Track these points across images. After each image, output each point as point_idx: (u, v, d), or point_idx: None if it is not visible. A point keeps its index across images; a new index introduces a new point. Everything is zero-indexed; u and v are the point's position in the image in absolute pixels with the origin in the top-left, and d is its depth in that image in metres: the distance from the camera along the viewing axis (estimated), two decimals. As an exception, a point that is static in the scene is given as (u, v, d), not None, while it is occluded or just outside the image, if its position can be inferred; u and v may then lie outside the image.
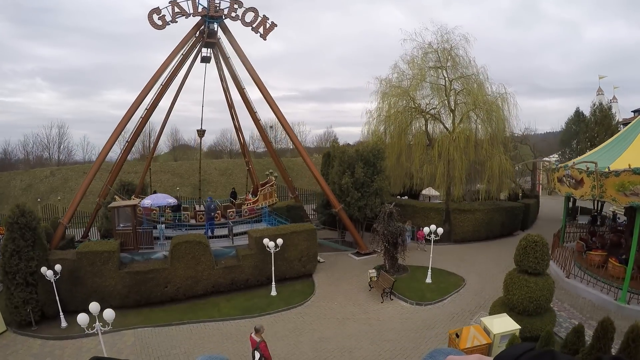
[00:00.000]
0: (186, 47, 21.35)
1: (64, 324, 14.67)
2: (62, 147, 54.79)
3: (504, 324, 10.56)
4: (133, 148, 51.57)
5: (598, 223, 24.77)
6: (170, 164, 46.08)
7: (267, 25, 21.42)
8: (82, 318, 9.47)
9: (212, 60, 23.99)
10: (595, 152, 17.86)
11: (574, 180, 15.91)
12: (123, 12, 69.40)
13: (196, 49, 22.28)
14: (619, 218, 26.46)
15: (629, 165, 13.46)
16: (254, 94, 23.60)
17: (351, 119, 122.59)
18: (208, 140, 64.23)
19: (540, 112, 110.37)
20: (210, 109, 79.37)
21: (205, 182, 42.36)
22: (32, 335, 14.26)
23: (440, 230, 17.02)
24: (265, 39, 21.81)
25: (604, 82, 47.52)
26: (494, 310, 12.60)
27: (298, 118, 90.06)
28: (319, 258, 20.36)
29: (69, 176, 42.49)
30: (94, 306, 9.68)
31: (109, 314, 9.27)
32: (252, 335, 9.97)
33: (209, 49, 23.10)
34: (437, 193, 30.17)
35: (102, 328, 9.67)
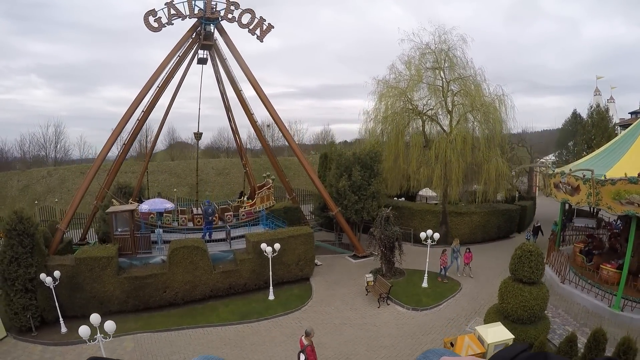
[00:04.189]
0: (183, 49, 21.36)
1: (63, 329, 14.82)
2: (58, 146, 54.66)
3: (498, 333, 10.73)
4: (130, 148, 51.15)
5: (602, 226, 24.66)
6: (167, 164, 45.99)
7: (264, 27, 21.44)
8: (83, 330, 9.57)
9: (209, 62, 23.98)
10: (593, 157, 17.84)
11: (570, 187, 16.03)
12: (117, 8, 68.76)
13: (192, 51, 22.28)
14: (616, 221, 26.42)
15: (625, 174, 13.56)
16: (250, 92, 23.49)
17: (349, 116, 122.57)
18: (205, 138, 64.14)
19: (538, 110, 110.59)
20: (207, 105, 79.18)
21: (202, 182, 42.26)
22: (32, 341, 14.36)
23: (436, 236, 17.20)
24: (262, 41, 21.85)
25: (601, 82, 47.80)
26: (489, 317, 12.79)
27: (295, 115, 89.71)
28: (316, 261, 20.48)
29: (66, 176, 42.35)
30: (94, 318, 9.76)
31: (109, 325, 9.37)
32: (302, 338, 10.35)
33: (205, 51, 23.09)
34: (434, 194, 30.31)
35: (103, 339, 9.77)
